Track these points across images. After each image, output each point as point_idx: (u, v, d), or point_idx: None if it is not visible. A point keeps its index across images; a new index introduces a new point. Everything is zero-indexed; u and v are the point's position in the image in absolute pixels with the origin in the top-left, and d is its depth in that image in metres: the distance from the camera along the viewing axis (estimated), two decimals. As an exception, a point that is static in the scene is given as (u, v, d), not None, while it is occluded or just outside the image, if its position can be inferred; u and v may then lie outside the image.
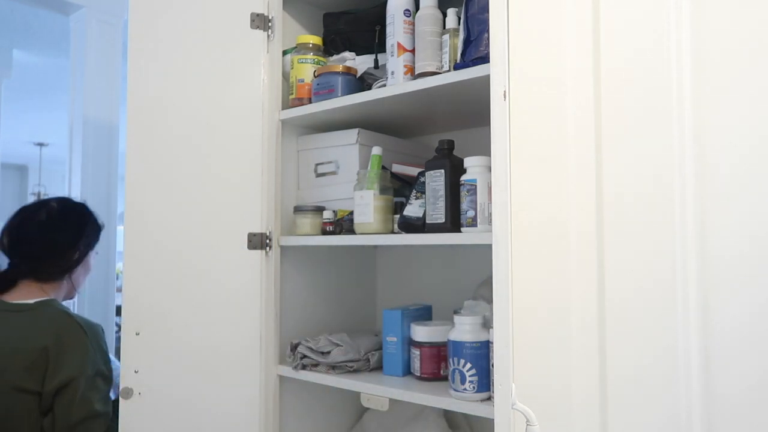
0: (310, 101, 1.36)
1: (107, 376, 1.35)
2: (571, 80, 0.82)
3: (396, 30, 1.21)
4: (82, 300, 2.37)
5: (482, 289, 1.23)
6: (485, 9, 1.07)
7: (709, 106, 0.74)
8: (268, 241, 1.36)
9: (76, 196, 2.39)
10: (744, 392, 0.70)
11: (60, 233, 1.43)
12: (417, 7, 1.21)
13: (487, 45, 1.06)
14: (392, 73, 1.21)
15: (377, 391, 1.18)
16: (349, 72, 1.31)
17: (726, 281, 0.72)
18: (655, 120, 0.77)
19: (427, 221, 1.15)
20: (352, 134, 1.36)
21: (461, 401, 1.07)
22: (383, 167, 1.29)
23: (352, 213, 1.30)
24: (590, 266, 0.80)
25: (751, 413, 0.70)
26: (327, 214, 1.33)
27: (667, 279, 0.75)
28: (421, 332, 1.20)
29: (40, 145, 5.75)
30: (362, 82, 1.34)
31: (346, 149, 1.38)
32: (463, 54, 1.12)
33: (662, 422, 0.75)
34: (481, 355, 1.08)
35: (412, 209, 1.20)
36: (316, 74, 1.34)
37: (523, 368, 0.81)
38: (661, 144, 0.76)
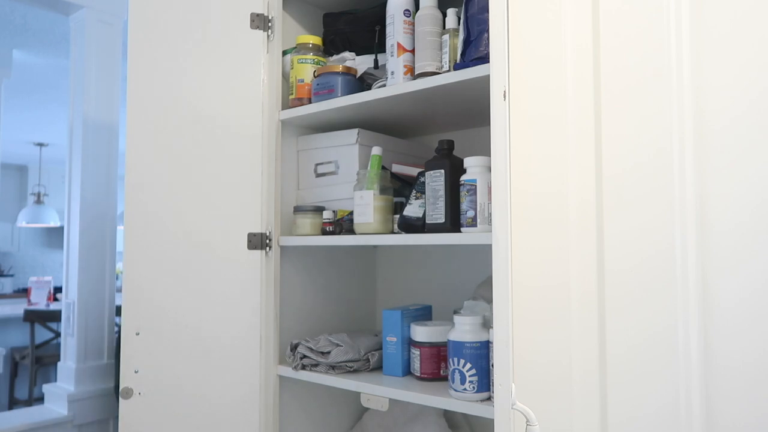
0: (310, 101, 1.36)
1: None
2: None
3: (396, 30, 1.21)
4: (83, 299, 2.37)
5: (482, 289, 1.24)
6: (485, 9, 1.07)
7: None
8: (268, 241, 1.36)
9: (76, 196, 2.39)
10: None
11: None
12: (417, 7, 1.21)
13: (487, 45, 1.06)
14: (392, 73, 1.21)
15: (377, 391, 1.18)
16: (348, 72, 1.31)
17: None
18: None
19: (426, 221, 1.15)
20: (352, 134, 1.36)
21: (461, 401, 1.07)
22: (383, 167, 1.29)
23: (352, 213, 1.30)
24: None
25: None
26: (327, 214, 1.33)
27: (667, 267, 0.75)
28: (421, 332, 1.20)
29: (40, 145, 5.74)
30: (362, 82, 1.34)
31: (346, 149, 1.38)
32: (463, 54, 1.12)
33: (662, 414, 0.75)
34: (481, 355, 1.08)
35: (412, 209, 1.20)
36: (316, 74, 1.34)
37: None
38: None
